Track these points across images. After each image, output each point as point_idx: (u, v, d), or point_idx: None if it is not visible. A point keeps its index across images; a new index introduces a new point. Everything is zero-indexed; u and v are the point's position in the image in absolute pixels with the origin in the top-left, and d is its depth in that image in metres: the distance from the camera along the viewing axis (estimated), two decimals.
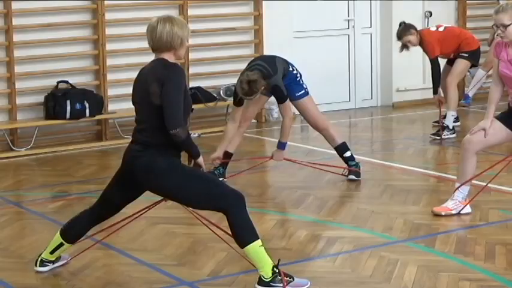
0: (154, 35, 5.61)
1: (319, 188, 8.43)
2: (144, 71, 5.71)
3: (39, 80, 10.61)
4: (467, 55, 10.65)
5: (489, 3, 12.83)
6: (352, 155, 8.72)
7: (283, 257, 6.13)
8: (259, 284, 5.63)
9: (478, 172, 7.37)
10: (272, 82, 8.26)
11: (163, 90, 5.47)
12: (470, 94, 12.64)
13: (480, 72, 12.52)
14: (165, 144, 5.56)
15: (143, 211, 6.16)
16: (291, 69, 8.49)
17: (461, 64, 10.61)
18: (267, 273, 5.58)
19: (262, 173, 9.47)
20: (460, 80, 11.57)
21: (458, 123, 11.47)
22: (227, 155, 8.63)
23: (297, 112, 9.98)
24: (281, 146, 8.51)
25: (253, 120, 9.63)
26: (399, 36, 10.79)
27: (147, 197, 5.95)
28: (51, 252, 6.05)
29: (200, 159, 5.69)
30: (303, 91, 8.52)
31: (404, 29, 10.70)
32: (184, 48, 5.67)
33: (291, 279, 5.65)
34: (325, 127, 8.64)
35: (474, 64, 10.83)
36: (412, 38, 10.62)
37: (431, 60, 10.60)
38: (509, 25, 6.96)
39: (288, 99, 8.31)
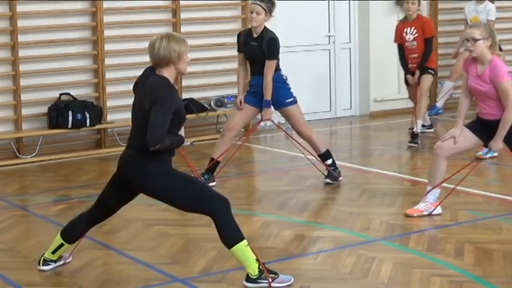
0: (153, 51, 5.60)
1: (302, 192, 8.43)
2: (146, 83, 5.62)
3: (43, 92, 10.58)
4: (433, 72, 10.70)
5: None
6: (334, 161, 8.72)
7: (269, 256, 6.16)
8: (246, 281, 5.63)
9: (448, 176, 7.38)
10: (272, 36, 8.29)
11: (153, 109, 5.44)
12: (439, 104, 12.66)
13: (448, 84, 12.57)
14: (156, 150, 5.52)
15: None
16: (282, 72, 8.49)
17: (428, 79, 10.63)
18: (253, 270, 5.59)
19: (250, 178, 9.49)
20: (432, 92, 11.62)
21: (432, 130, 11.51)
22: (215, 163, 8.60)
23: (282, 120, 10.04)
24: (267, 104, 8.42)
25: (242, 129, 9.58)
26: None
27: (143, 199, 5.95)
28: (53, 252, 6.05)
29: (181, 131, 5.69)
30: (292, 99, 8.50)
31: None
32: (185, 62, 5.62)
33: (276, 275, 5.66)
34: (309, 135, 8.63)
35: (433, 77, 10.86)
36: (415, 5, 10.58)
37: (429, 39, 10.54)
38: (478, 40, 6.99)
39: (276, 60, 8.30)
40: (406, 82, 10.79)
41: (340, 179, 8.69)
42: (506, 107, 6.92)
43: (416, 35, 10.55)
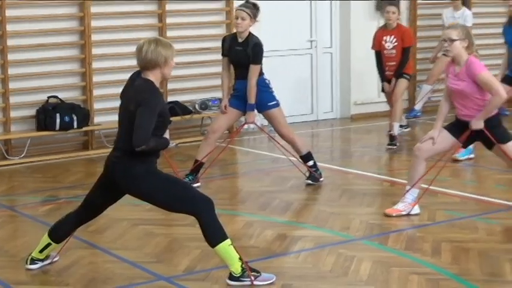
0: (141, 55, 5.60)
1: (284, 192, 8.43)
2: (132, 86, 5.64)
3: (31, 95, 10.55)
4: (408, 77, 10.74)
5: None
6: (315, 163, 8.73)
7: (252, 254, 6.16)
8: (229, 279, 5.64)
9: (427, 177, 7.40)
10: (257, 41, 8.31)
11: (138, 111, 5.44)
12: (418, 107, 12.71)
13: (425, 87, 12.62)
14: (142, 152, 5.52)
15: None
16: (265, 76, 8.49)
17: (403, 84, 10.65)
18: (236, 269, 5.60)
19: (233, 179, 9.48)
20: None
21: (408, 129, 11.55)
22: (199, 164, 8.59)
23: (265, 123, 10.04)
24: (251, 107, 8.43)
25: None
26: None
27: (128, 200, 5.94)
28: (40, 251, 6.03)
29: (167, 134, 5.68)
30: (275, 102, 8.51)
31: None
32: (170, 67, 5.63)
33: (258, 274, 5.66)
34: (291, 137, 8.63)
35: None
36: (396, 15, 10.64)
37: (407, 48, 10.57)
38: (455, 40, 7.02)
39: (260, 65, 8.31)
40: (383, 89, 10.84)
41: (321, 180, 8.70)
42: (492, 94, 6.94)
43: (395, 43, 10.58)
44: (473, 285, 5.58)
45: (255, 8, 8.36)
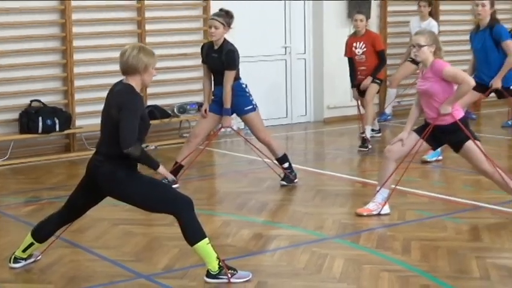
0: (123, 59, 5.60)
1: (260, 193, 8.43)
2: (113, 92, 5.65)
3: (14, 99, 10.50)
4: (379, 82, 10.80)
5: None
6: (290, 165, 8.73)
7: (229, 253, 6.15)
8: (207, 276, 5.63)
9: (395, 178, 7.42)
10: (231, 48, 8.30)
11: (120, 115, 5.43)
12: (388, 111, 12.76)
13: (391, 92, 12.63)
14: (122, 156, 5.50)
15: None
16: (242, 80, 8.48)
17: (374, 88, 10.72)
18: (214, 267, 5.59)
19: (211, 180, 9.48)
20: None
21: (380, 134, 11.59)
22: (179, 166, 8.58)
23: (242, 126, 10.06)
24: (227, 112, 8.42)
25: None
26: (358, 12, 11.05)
27: (109, 200, 5.91)
28: (23, 251, 6.00)
29: (161, 169, 5.63)
30: (251, 106, 8.50)
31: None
32: (150, 75, 5.61)
33: (235, 271, 5.66)
34: (268, 140, 8.63)
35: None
36: (363, 22, 10.71)
37: (381, 52, 10.66)
38: (423, 46, 7.06)
39: (235, 71, 8.30)
40: (356, 99, 10.94)
41: (295, 181, 8.71)
42: (460, 83, 6.98)
43: (364, 49, 10.65)
44: (442, 282, 5.60)
45: (227, 16, 8.35)
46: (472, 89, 9.32)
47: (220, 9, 8.49)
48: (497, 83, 9.19)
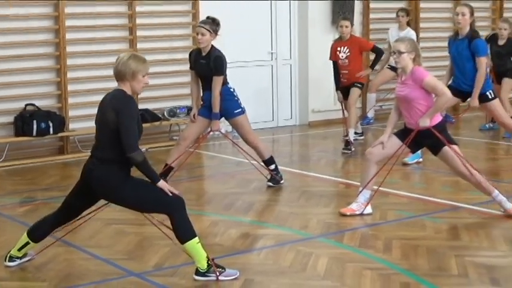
0: (115, 65, 5.61)
1: (247, 194, 8.43)
2: (107, 98, 5.64)
3: (9, 103, 10.47)
4: (360, 86, 10.86)
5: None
6: (276, 167, 8.74)
7: (216, 252, 6.15)
8: (196, 274, 5.64)
9: (377, 179, 7.44)
10: (218, 54, 8.29)
11: (119, 120, 5.44)
12: (370, 115, 12.78)
13: (371, 96, 12.65)
14: (117, 160, 5.53)
15: (93, 212, 6.14)
16: (229, 85, 8.48)
17: (356, 92, 10.79)
18: (203, 265, 5.60)
19: (200, 181, 9.47)
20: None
21: (363, 137, 11.62)
22: (169, 168, 8.58)
23: (229, 129, 10.06)
24: (215, 116, 8.41)
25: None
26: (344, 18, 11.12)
27: (102, 200, 5.90)
28: (19, 250, 5.99)
29: (161, 183, 5.59)
30: (240, 109, 8.50)
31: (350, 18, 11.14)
32: (139, 82, 5.58)
33: (223, 269, 5.67)
34: (255, 143, 8.64)
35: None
36: (348, 28, 10.78)
37: (374, 48, 10.84)
38: (403, 53, 7.09)
39: (222, 76, 8.29)
40: (341, 102, 10.99)
41: (281, 182, 8.72)
42: (439, 95, 7.03)
43: (348, 53, 10.70)
44: (422, 279, 5.62)
45: (214, 24, 8.36)
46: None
47: (207, 17, 8.50)
48: (474, 102, 9.21)
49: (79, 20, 10.92)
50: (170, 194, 5.56)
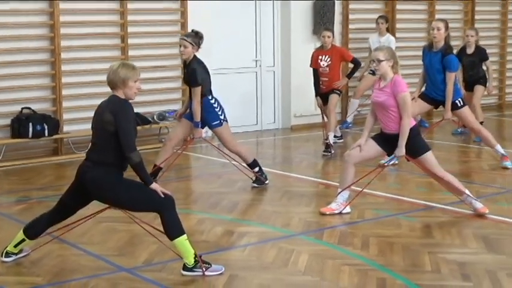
0: (108, 75, 5.61)
1: (232, 193, 8.42)
2: (103, 104, 5.66)
3: (6, 106, 10.43)
4: (339, 92, 10.92)
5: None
6: (260, 169, 8.73)
7: (203, 248, 6.14)
8: (183, 269, 5.63)
9: (356, 180, 7.45)
10: (194, 66, 8.27)
11: (117, 123, 5.44)
12: (349, 119, 12.81)
13: (354, 102, 12.70)
14: (110, 163, 5.54)
15: (93, 215, 6.11)
16: (210, 97, 8.45)
17: (335, 98, 10.84)
18: (190, 261, 5.60)
19: (187, 181, 9.45)
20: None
21: (342, 140, 11.63)
22: (158, 168, 8.56)
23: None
24: (196, 124, 8.39)
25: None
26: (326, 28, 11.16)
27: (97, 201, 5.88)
28: (15, 246, 5.97)
29: (153, 185, 5.58)
30: (218, 121, 8.47)
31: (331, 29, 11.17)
32: (130, 88, 5.57)
33: (209, 265, 5.66)
34: (236, 150, 8.64)
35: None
36: (330, 38, 10.80)
37: (353, 59, 10.88)
38: (382, 60, 7.10)
39: (199, 86, 8.26)
40: (320, 107, 11.02)
41: (266, 182, 8.71)
42: (402, 115, 7.03)
43: (329, 62, 10.74)
44: (397, 275, 5.63)
45: (197, 37, 8.36)
46: (423, 101, 9.45)
47: (192, 30, 8.54)
48: (448, 115, 9.25)
49: (73, 28, 10.88)
50: (163, 196, 5.55)
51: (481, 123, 10.37)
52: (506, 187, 8.53)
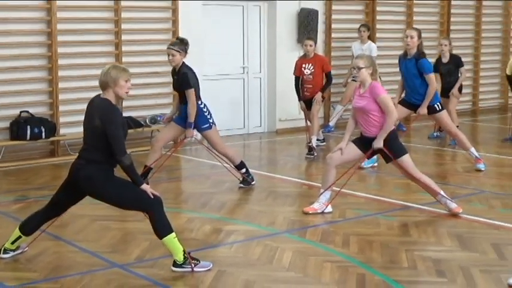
0: (100, 77, 5.59)
1: (220, 193, 8.42)
2: (93, 105, 5.61)
3: (5, 110, 10.38)
4: (322, 99, 10.95)
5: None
6: (247, 170, 8.72)
7: (192, 246, 6.13)
8: (173, 266, 5.62)
9: (339, 182, 7.46)
10: (185, 70, 8.25)
11: (107, 130, 5.42)
12: (332, 124, 12.83)
13: (338, 107, 12.73)
14: (101, 161, 5.51)
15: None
16: (199, 102, 8.44)
17: (319, 103, 10.86)
18: (179, 258, 5.58)
19: (178, 182, 9.44)
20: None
21: (324, 143, 11.65)
22: (148, 169, 8.54)
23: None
24: (189, 125, 8.35)
25: (170, 142, 9.56)
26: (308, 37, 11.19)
27: (88, 199, 5.86)
28: (12, 243, 5.94)
29: (144, 186, 5.56)
30: (208, 125, 8.46)
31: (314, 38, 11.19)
32: (121, 88, 5.55)
33: (198, 261, 5.65)
34: (224, 152, 8.63)
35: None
36: (313, 47, 10.82)
37: (329, 73, 10.86)
38: (362, 68, 7.12)
39: (192, 89, 8.23)
40: (303, 111, 11.03)
41: (253, 183, 8.71)
42: (387, 114, 7.06)
43: (313, 70, 10.78)
44: (376, 271, 5.64)
45: (183, 44, 8.35)
46: (402, 106, 9.49)
47: (177, 38, 8.57)
48: (423, 110, 9.30)
49: (69, 36, 10.85)
50: (152, 196, 5.53)
51: (457, 127, 10.41)
52: (480, 188, 8.57)
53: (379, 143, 7.13)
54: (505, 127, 13.45)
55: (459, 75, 11.65)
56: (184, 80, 8.27)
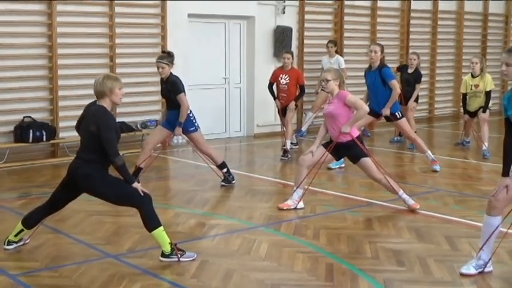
0: (94, 86, 5.56)
1: (204, 191, 8.40)
2: (89, 111, 5.58)
3: (10, 115, 10.30)
4: (295, 107, 10.97)
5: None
6: (228, 169, 8.72)
7: (178, 238, 6.11)
8: (161, 256, 5.60)
9: (309, 181, 7.47)
10: (173, 79, 8.24)
11: (101, 134, 5.39)
12: (304, 129, 12.85)
13: (309, 114, 12.74)
14: (97, 161, 5.49)
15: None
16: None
17: (292, 112, 10.91)
18: (167, 249, 5.57)
19: (166, 181, 9.40)
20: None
21: (297, 146, 11.67)
22: (138, 169, 8.51)
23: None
24: (179, 124, 8.31)
25: (159, 144, 9.53)
26: (286, 51, 11.21)
27: (85, 196, 5.82)
28: (15, 235, 5.90)
29: (135, 184, 5.53)
30: (193, 128, 8.47)
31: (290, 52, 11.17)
32: (117, 95, 5.54)
33: (184, 252, 5.64)
34: (208, 152, 8.62)
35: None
36: (290, 60, 10.86)
37: (303, 86, 10.89)
38: (330, 80, 7.15)
39: (183, 93, 8.22)
40: (279, 112, 11.03)
41: (233, 182, 8.70)
42: (357, 108, 7.08)
43: (288, 81, 10.82)
44: (343, 261, 5.66)
45: (169, 56, 8.34)
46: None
47: (163, 51, 8.55)
48: (386, 111, 9.36)
49: (69, 49, 10.80)
50: (142, 194, 5.52)
51: (415, 132, 10.47)
52: (435, 187, 8.62)
53: (346, 128, 7.15)
54: (457, 132, 13.56)
55: (415, 89, 11.76)
56: (174, 87, 8.26)
